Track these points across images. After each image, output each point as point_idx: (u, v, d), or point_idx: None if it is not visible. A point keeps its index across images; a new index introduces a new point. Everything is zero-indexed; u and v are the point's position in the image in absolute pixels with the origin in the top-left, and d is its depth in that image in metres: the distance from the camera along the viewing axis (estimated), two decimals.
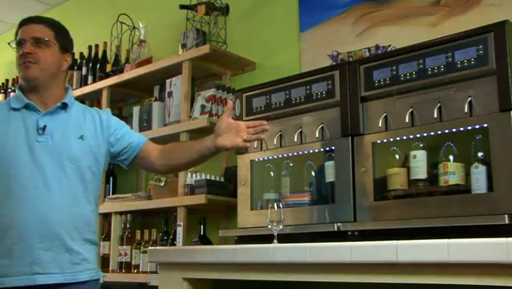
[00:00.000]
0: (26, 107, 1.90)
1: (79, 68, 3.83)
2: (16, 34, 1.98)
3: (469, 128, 1.89)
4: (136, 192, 3.33)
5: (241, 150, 2.37)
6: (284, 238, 2.01)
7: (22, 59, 1.91)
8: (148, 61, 3.34)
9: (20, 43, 1.94)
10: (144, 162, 2.07)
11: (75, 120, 1.96)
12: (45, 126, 1.87)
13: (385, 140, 2.09)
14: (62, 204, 1.83)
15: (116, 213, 3.27)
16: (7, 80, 4.64)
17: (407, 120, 2.01)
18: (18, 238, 1.77)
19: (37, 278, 1.78)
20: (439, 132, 1.96)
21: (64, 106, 1.95)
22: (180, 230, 2.84)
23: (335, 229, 2.06)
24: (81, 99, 3.51)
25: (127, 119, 3.55)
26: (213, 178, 2.90)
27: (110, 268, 3.20)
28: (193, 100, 3.05)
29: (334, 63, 2.74)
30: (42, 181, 1.82)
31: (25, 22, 1.98)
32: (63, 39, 2.00)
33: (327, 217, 2.17)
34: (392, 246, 1.58)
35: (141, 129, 3.25)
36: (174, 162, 2.03)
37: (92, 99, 3.70)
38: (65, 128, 1.92)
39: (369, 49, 2.69)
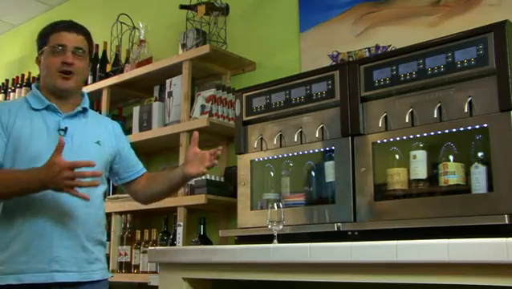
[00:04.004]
0: (47, 108, 1.93)
1: None
2: (48, 34, 1.95)
3: (469, 128, 1.89)
4: None
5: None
6: (284, 238, 2.01)
7: (62, 67, 1.91)
8: (148, 61, 3.34)
9: (60, 50, 1.92)
10: (132, 188, 2.15)
11: (92, 125, 2.01)
12: (66, 128, 1.91)
13: (385, 140, 2.09)
14: (80, 204, 1.87)
15: (116, 213, 3.27)
16: (7, 80, 4.64)
17: (407, 120, 2.01)
18: (37, 235, 1.80)
19: (55, 275, 1.81)
20: (439, 132, 1.96)
21: (84, 110, 2.00)
22: (180, 230, 2.84)
23: (335, 229, 2.06)
24: None
25: (127, 119, 3.56)
26: (213, 178, 2.90)
27: (110, 268, 3.20)
28: (193, 100, 3.05)
29: (334, 63, 2.74)
30: None
31: (67, 29, 1.95)
32: (92, 50, 2.07)
33: (327, 217, 2.17)
34: (392, 246, 1.58)
35: (141, 129, 3.25)
36: (151, 191, 2.14)
37: (92, 100, 3.68)
38: (84, 132, 1.96)
39: (369, 49, 2.69)
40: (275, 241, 1.96)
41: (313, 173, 2.37)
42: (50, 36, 1.95)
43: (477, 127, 1.87)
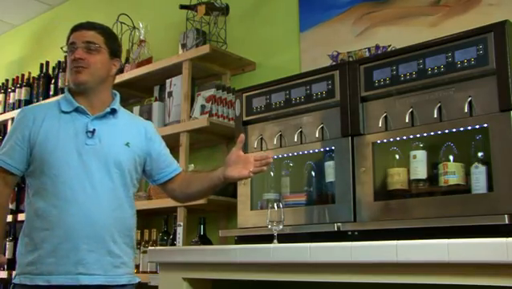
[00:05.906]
0: (76, 110, 1.94)
1: None
2: (68, 39, 2.01)
3: (469, 128, 1.89)
4: (136, 192, 3.33)
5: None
6: (284, 238, 2.01)
7: (73, 63, 1.94)
8: (148, 61, 3.34)
9: (71, 48, 1.96)
10: (168, 187, 2.13)
11: (122, 127, 2.00)
12: (94, 130, 1.91)
13: (385, 140, 2.09)
14: (108, 207, 1.88)
15: None
16: (7, 80, 4.64)
17: (407, 120, 2.01)
18: (64, 238, 1.81)
19: (81, 278, 1.82)
20: (439, 132, 1.96)
21: (113, 111, 2.00)
22: (180, 230, 2.84)
23: (335, 229, 2.06)
24: None
25: None
26: None
27: None
28: (193, 100, 3.05)
29: (334, 63, 2.74)
30: (90, 184, 1.86)
31: (77, 28, 2.00)
32: (113, 45, 2.04)
33: (327, 217, 2.17)
34: (392, 246, 1.58)
35: None
36: (190, 191, 2.10)
37: None
38: (113, 134, 1.96)
39: (369, 49, 2.69)
40: (275, 241, 1.96)
41: (313, 173, 2.37)
42: (67, 40, 2.01)
43: (477, 127, 1.87)
